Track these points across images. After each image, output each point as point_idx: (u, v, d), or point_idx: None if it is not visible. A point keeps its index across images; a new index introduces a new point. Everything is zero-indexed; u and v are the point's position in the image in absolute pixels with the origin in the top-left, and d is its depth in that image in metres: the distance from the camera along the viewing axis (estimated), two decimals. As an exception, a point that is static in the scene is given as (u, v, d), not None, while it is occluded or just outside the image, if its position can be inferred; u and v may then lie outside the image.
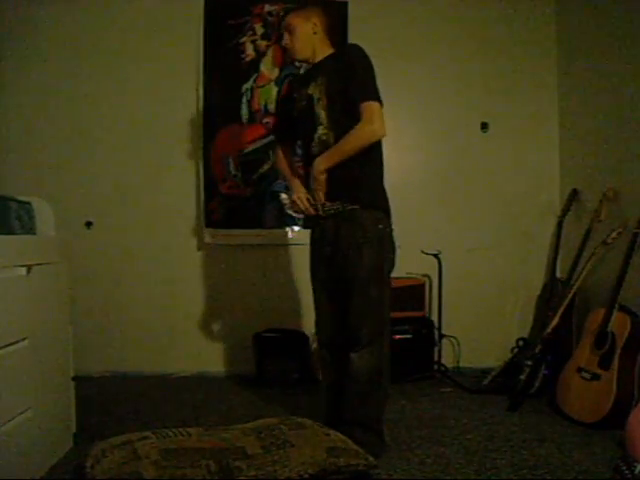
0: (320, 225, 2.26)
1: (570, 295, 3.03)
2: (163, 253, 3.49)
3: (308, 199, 2.23)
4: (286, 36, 2.30)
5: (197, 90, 3.45)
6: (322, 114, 2.19)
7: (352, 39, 3.52)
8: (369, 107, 2.07)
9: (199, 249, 3.50)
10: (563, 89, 3.64)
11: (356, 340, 2.14)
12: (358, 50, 2.18)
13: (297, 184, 2.34)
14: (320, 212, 2.20)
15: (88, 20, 3.44)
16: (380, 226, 2.17)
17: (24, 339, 1.92)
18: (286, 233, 3.50)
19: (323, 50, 2.27)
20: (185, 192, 3.50)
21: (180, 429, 1.98)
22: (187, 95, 3.46)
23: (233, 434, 1.97)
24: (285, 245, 3.51)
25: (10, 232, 2.04)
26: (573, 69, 3.54)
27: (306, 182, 2.29)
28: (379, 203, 2.22)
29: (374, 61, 1.97)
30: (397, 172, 3.65)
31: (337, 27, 3.47)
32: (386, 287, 2.20)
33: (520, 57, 3.68)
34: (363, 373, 2.14)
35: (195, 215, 3.49)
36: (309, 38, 2.25)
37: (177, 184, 3.50)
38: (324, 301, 2.31)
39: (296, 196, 2.27)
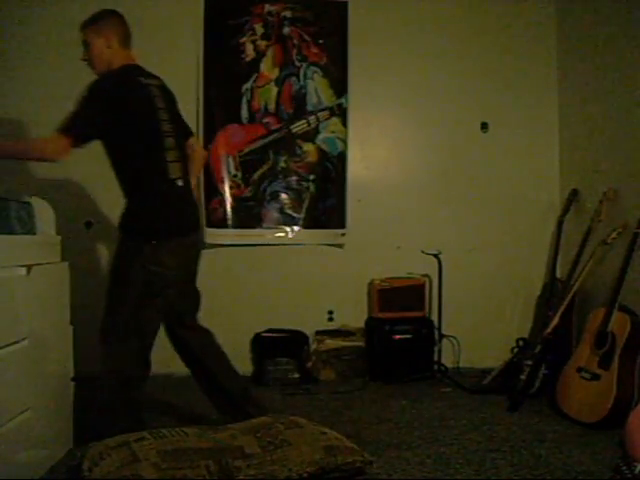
0: None
1: (570, 295, 3.03)
2: (163, 253, 3.48)
3: None
4: (83, 51, 2.30)
5: (197, 90, 3.44)
6: None
7: (352, 39, 3.54)
8: (55, 134, 2.06)
9: (199, 249, 3.49)
10: (563, 89, 3.64)
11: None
12: (90, 85, 2.16)
13: None
14: None
15: (88, 20, 3.44)
16: (141, 239, 2.19)
17: (24, 339, 1.92)
18: (286, 233, 3.51)
19: (120, 63, 2.25)
20: (185, 192, 3.49)
21: (177, 429, 1.98)
22: (187, 95, 3.45)
23: (230, 433, 1.98)
24: (285, 245, 3.51)
25: (10, 232, 2.04)
26: (573, 69, 3.54)
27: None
28: (138, 226, 2.24)
29: (374, 61, 1.97)
30: (397, 172, 3.67)
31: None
32: (130, 297, 2.20)
33: (520, 57, 3.68)
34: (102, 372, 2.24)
35: (195, 215, 3.48)
36: (103, 53, 2.25)
37: (177, 184, 3.50)
38: None
39: None
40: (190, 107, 3.45)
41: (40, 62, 3.39)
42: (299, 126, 3.52)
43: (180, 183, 2.26)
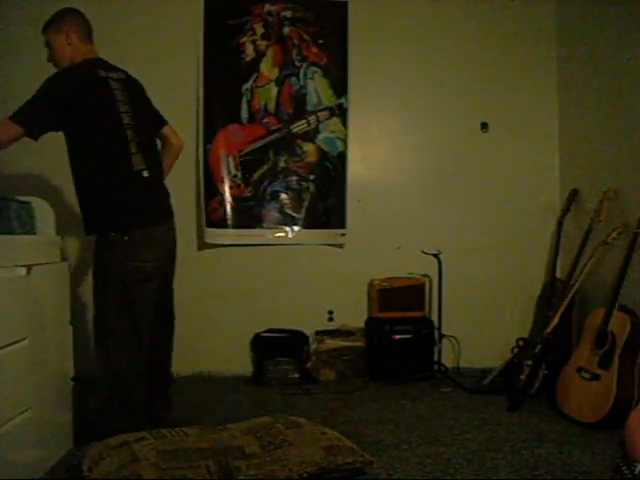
0: None
1: (570, 295, 3.03)
2: (163, 253, 3.48)
3: None
4: (48, 52, 2.34)
5: (197, 90, 3.44)
6: None
7: (352, 39, 3.54)
8: (5, 121, 2.07)
9: (199, 249, 3.49)
10: (563, 89, 3.64)
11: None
12: (47, 78, 2.18)
13: None
14: None
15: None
16: (112, 234, 2.19)
17: (24, 339, 1.92)
18: (286, 233, 3.51)
19: (81, 57, 2.28)
20: (185, 192, 3.49)
21: (176, 429, 1.98)
22: (187, 95, 3.45)
23: (230, 433, 1.98)
24: (285, 245, 3.51)
25: (10, 232, 2.04)
26: (573, 69, 3.54)
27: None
28: (103, 222, 2.23)
29: (373, 61, 1.97)
30: (397, 172, 3.67)
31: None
32: (112, 295, 2.19)
33: (520, 57, 3.68)
34: (98, 373, 2.21)
35: (195, 215, 3.49)
36: (64, 49, 2.29)
37: (177, 184, 3.49)
38: None
39: None
40: (190, 107, 3.46)
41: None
42: (299, 126, 3.52)
43: (146, 174, 2.24)
